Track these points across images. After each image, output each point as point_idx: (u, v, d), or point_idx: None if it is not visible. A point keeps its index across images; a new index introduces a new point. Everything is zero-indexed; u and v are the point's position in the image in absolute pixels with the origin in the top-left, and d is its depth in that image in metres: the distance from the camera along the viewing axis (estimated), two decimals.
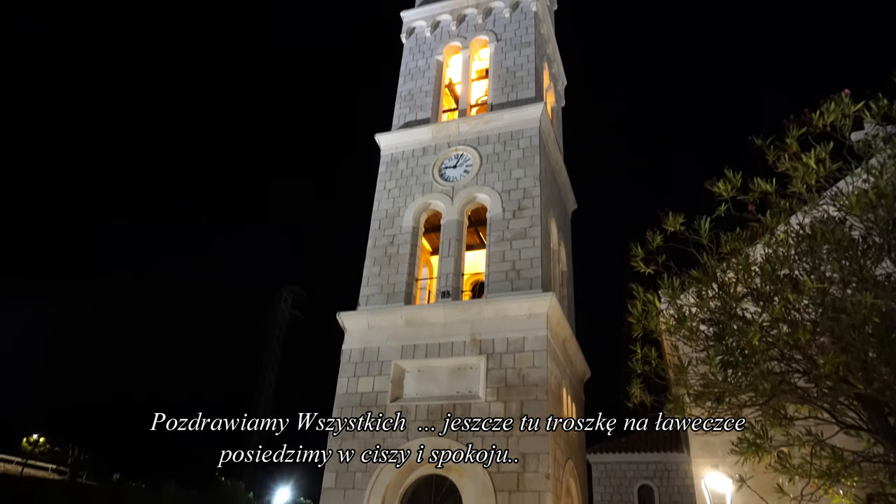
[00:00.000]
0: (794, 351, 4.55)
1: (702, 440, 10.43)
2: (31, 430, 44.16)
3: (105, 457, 44.76)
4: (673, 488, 21.51)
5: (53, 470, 41.67)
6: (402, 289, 13.70)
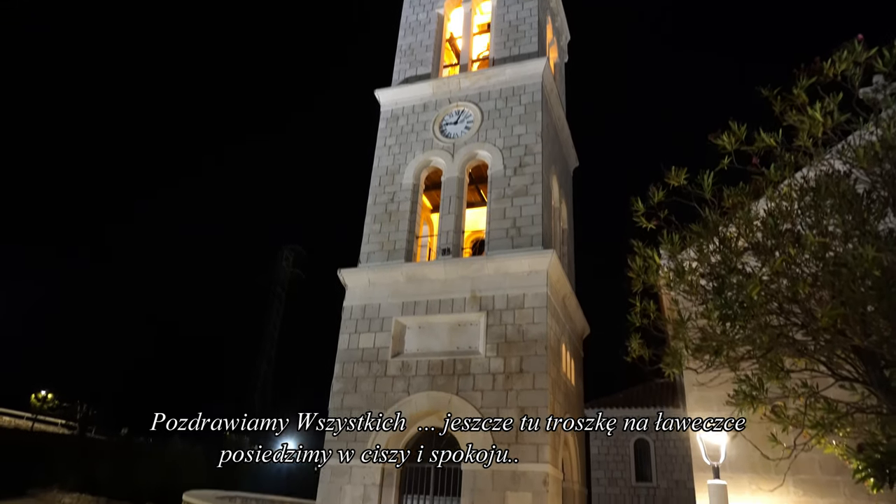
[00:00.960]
0: (792, 305, 4.58)
1: (698, 394, 10.58)
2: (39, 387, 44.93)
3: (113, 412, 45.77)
4: (668, 442, 21.99)
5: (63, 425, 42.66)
6: (402, 246, 13.71)
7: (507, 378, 11.51)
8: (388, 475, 11.71)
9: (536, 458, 10.74)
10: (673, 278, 4.71)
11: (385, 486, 11.62)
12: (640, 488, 21.64)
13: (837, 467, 9.26)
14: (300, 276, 55.17)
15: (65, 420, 43.77)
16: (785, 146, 4.76)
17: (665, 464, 21.65)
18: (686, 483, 20.76)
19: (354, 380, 12.67)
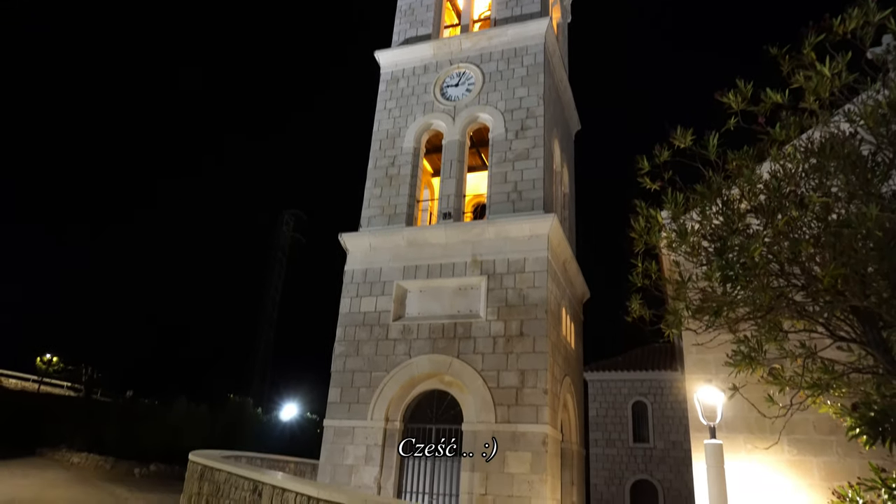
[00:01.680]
0: (793, 266, 4.59)
1: (696, 357, 10.70)
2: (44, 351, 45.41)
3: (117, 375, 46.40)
4: (665, 404, 22.36)
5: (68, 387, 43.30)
6: (403, 210, 13.69)
7: (508, 341, 11.63)
8: (390, 435, 11.93)
9: (536, 419, 10.92)
10: (675, 239, 4.72)
11: (387, 447, 11.84)
12: (636, 449, 22.09)
13: (831, 427, 9.43)
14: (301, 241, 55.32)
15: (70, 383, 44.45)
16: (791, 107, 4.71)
17: (662, 425, 22.06)
18: (682, 444, 21.19)
19: (356, 343, 12.80)
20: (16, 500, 13.50)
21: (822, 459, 9.48)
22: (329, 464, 12.06)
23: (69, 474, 20.68)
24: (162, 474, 22.89)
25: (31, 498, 14.07)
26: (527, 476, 10.63)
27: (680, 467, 21.13)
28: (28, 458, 24.88)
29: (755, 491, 9.35)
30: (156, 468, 23.14)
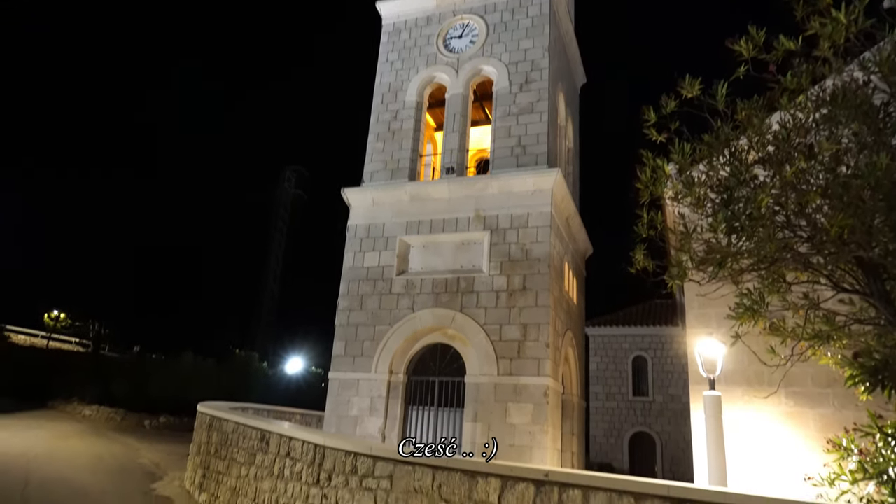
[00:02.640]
0: (799, 218, 4.57)
1: (698, 312, 10.77)
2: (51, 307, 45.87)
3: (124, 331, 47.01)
4: (665, 359, 22.65)
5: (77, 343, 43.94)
6: (406, 165, 13.59)
7: (511, 296, 11.70)
8: (394, 387, 12.14)
9: (538, 371, 11.09)
10: (681, 189, 4.68)
11: (391, 398, 12.07)
12: (636, 402, 22.50)
13: (829, 380, 9.55)
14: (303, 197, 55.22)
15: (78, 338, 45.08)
16: (804, 55, 4.59)
17: (661, 379, 22.40)
18: (681, 397, 21.56)
19: (360, 297, 12.90)
20: (31, 450, 13.87)
21: (817, 412, 9.64)
22: (334, 415, 12.31)
23: (82, 426, 21.19)
24: (171, 426, 23.45)
25: (46, 448, 14.46)
26: (528, 426, 10.86)
27: (678, 420, 21.55)
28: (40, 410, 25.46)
29: (751, 441, 9.55)
30: (165, 420, 23.68)
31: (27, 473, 10.96)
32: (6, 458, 12.28)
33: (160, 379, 25.02)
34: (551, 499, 5.07)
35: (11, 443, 14.63)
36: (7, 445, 14.10)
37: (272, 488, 7.85)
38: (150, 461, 14.32)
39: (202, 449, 11.00)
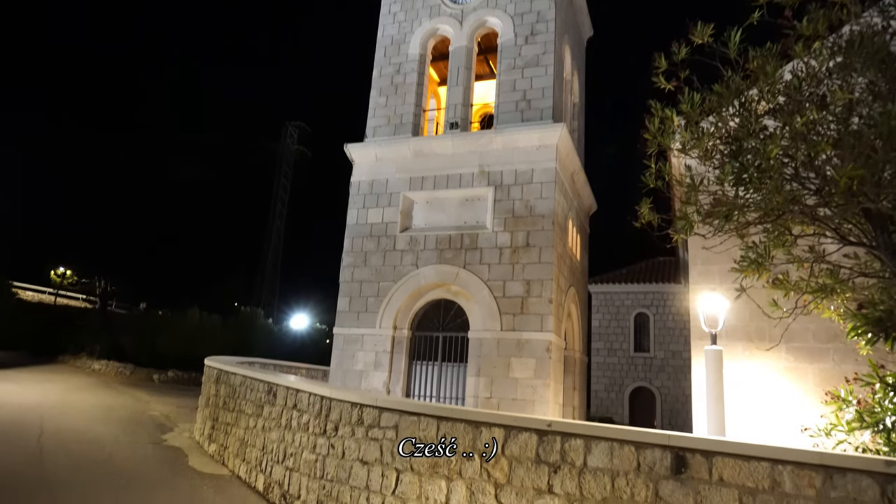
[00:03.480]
0: (808, 170, 4.51)
1: (701, 268, 10.78)
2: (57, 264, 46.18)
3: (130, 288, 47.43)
4: (667, 316, 22.81)
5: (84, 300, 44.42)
6: (409, 120, 13.42)
7: (514, 252, 11.71)
8: (399, 343, 12.28)
9: (540, 327, 11.18)
10: (689, 140, 4.61)
11: (395, 353, 12.23)
12: (637, 358, 22.76)
13: (829, 335, 9.62)
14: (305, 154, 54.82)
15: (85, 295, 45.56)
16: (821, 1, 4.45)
17: (663, 336, 22.61)
18: (682, 353, 21.80)
19: (364, 254, 12.93)
20: (44, 402, 14.17)
21: (817, 366, 9.73)
22: (339, 369, 12.50)
23: (92, 380, 21.59)
24: (179, 380, 23.89)
25: (58, 401, 14.77)
26: (530, 381, 11.02)
27: (678, 375, 21.85)
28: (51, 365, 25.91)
29: (751, 396, 9.68)
30: (173, 374, 24.12)
31: (41, 424, 11.23)
32: (21, 410, 12.57)
33: (167, 335, 25.37)
34: (554, 448, 5.17)
35: (25, 395, 14.95)
36: (21, 398, 14.41)
37: (280, 439, 8.03)
38: (160, 413, 14.64)
39: (210, 401, 11.22)
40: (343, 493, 6.51)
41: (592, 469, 4.98)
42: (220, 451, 9.97)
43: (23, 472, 7.95)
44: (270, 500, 7.78)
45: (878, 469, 4.20)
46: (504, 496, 5.29)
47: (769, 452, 4.47)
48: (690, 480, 4.62)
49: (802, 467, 4.36)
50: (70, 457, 9.01)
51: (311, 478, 7.10)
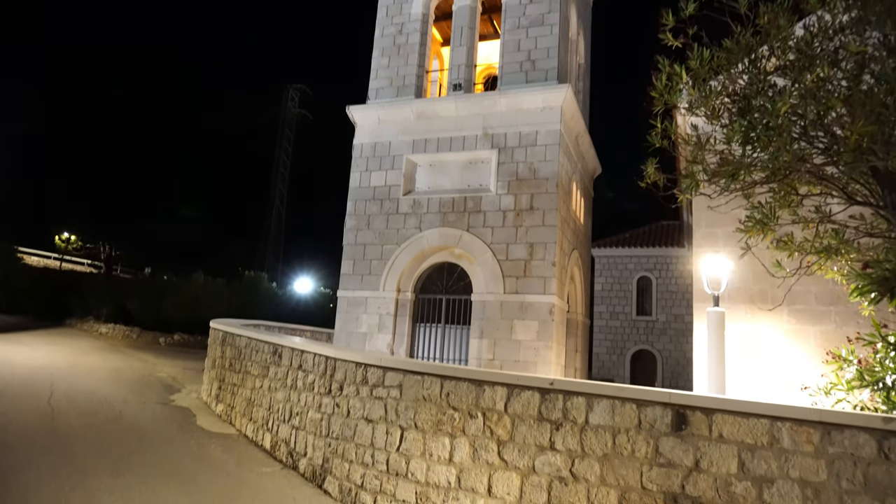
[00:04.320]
0: (817, 128, 4.45)
1: (705, 231, 10.75)
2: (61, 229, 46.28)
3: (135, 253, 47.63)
4: (670, 280, 22.86)
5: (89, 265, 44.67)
6: (412, 81, 13.23)
7: (518, 215, 11.68)
8: (402, 305, 12.36)
9: (543, 290, 11.22)
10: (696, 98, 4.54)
11: (399, 316, 12.32)
12: (639, 321, 22.91)
13: (832, 298, 9.65)
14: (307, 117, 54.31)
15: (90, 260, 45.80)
16: None
17: (665, 299, 22.70)
18: (684, 317, 21.92)
19: (367, 217, 12.92)
20: (54, 364, 14.39)
21: (819, 329, 9.79)
22: (344, 332, 12.62)
23: (99, 343, 21.86)
24: (185, 343, 24.17)
25: (67, 363, 14.99)
26: (533, 343, 11.11)
27: (680, 338, 22.02)
28: (58, 328, 26.20)
29: (752, 358, 9.77)
30: (179, 338, 24.39)
31: (52, 385, 11.42)
32: (31, 371, 12.78)
33: (173, 299, 25.56)
34: (556, 406, 5.25)
35: (34, 357, 15.17)
36: (30, 360, 14.63)
37: (286, 398, 8.16)
38: (168, 375, 14.86)
39: (217, 363, 11.37)
40: (348, 451, 6.64)
41: (594, 426, 5.06)
42: (227, 411, 10.15)
43: (37, 428, 8.12)
44: (277, 458, 7.96)
45: (876, 426, 4.26)
46: (507, 453, 5.39)
47: (768, 410, 4.53)
48: (690, 437, 4.70)
49: (801, 424, 4.42)
50: (81, 416, 9.19)
51: (316, 436, 7.23)
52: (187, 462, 7.44)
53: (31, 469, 6.46)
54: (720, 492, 4.53)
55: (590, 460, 5.01)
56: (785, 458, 4.41)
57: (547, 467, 5.17)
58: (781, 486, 4.38)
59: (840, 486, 4.25)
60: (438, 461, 5.76)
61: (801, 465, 4.36)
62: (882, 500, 4.15)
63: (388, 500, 6.03)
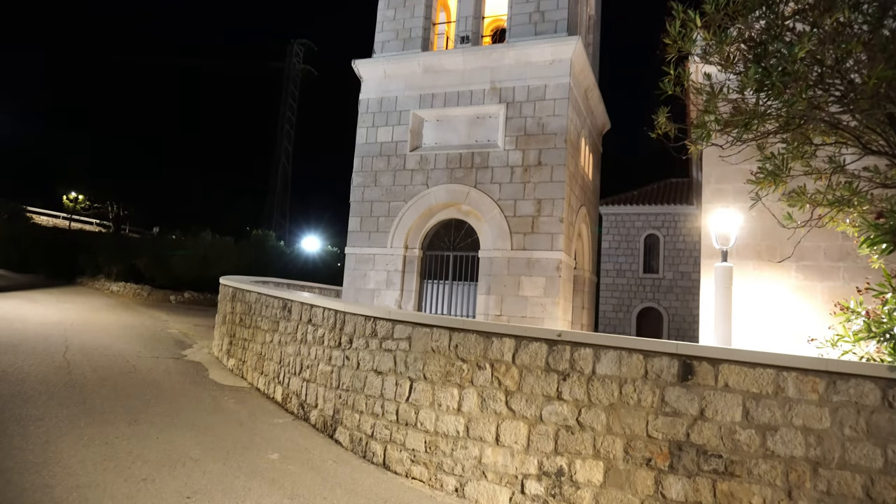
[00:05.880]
0: (834, 75, 4.35)
1: (715, 187, 10.66)
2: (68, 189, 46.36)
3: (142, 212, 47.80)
4: (677, 237, 22.79)
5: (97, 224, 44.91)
6: (418, 34, 12.96)
7: (526, 171, 11.59)
8: (410, 262, 12.41)
9: (551, 246, 11.23)
10: (711, 43, 4.42)
11: (407, 272, 12.38)
12: (646, 279, 22.95)
13: (840, 254, 9.62)
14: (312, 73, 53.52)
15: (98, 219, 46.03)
16: None
17: (672, 257, 22.68)
18: (691, 274, 21.93)
19: (374, 173, 12.85)
20: (67, 320, 14.62)
21: (827, 284, 9.78)
22: (352, 288, 12.72)
23: (111, 301, 22.15)
24: (194, 301, 24.46)
25: (80, 319, 15.22)
26: (540, 299, 11.18)
27: (686, 296, 22.08)
28: (70, 286, 26.53)
29: (758, 313, 9.80)
30: (189, 295, 24.67)
31: (66, 341, 11.62)
32: (45, 328, 12.99)
33: (182, 257, 25.74)
34: (563, 357, 5.31)
35: (47, 315, 15.40)
36: (44, 317, 14.86)
37: (296, 352, 8.29)
38: (179, 331, 15.08)
39: (227, 319, 11.52)
40: (359, 402, 6.77)
41: (601, 377, 5.13)
42: (239, 365, 10.34)
43: (54, 381, 8.31)
44: (289, 410, 8.13)
45: (881, 374, 4.30)
46: (514, 402, 5.49)
47: (774, 359, 4.57)
48: (696, 387, 4.76)
49: (806, 373, 4.47)
50: (96, 369, 9.38)
51: (327, 388, 7.37)
52: (201, 413, 7.62)
53: (51, 419, 6.63)
54: (724, 439, 4.61)
55: (596, 410, 5.10)
56: (789, 407, 4.47)
57: (554, 417, 5.26)
58: (785, 433, 4.45)
59: (843, 433, 4.32)
60: (447, 411, 5.87)
61: (805, 413, 4.42)
62: (884, 447, 4.22)
63: (397, 449, 6.18)
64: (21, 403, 7.10)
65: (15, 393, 7.52)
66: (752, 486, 4.48)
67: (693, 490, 4.64)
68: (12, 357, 9.54)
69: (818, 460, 4.35)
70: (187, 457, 5.88)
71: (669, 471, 4.75)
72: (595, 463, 5.03)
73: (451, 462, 5.74)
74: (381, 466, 6.25)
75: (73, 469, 5.26)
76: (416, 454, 6.00)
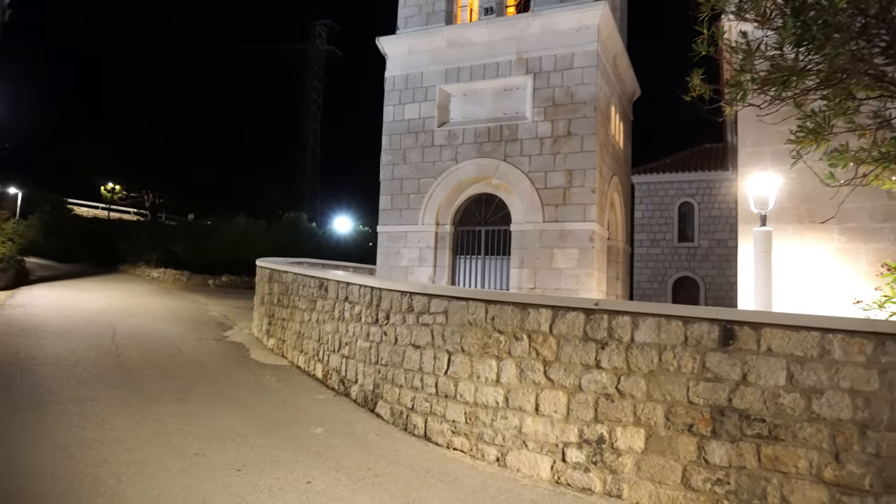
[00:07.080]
0: (879, 25, 4.17)
1: (751, 150, 10.38)
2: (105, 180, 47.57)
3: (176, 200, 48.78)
4: (712, 205, 22.32)
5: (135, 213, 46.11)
6: (441, 7, 12.82)
7: (555, 142, 11.46)
8: (442, 238, 12.45)
9: (583, 217, 11.13)
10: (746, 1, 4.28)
11: (439, 249, 12.43)
12: (681, 248, 22.59)
13: (886, 214, 9.31)
14: (336, 53, 53.48)
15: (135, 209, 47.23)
16: None
17: (707, 225, 22.24)
18: (727, 242, 21.50)
19: (402, 151, 12.86)
20: (112, 306, 15.13)
21: (871, 246, 9.48)
22: (385, 266, 12.83)
23: (152, 287, 22.79)
24: (232, 284, 25.00)
25: (125, 305, 15.73)
26: (573, 271, 11.12)
27: (723, 264, 21.67)
28: (113, 274, 27.36)
29: (800, 277, 9.58)
30: (226, 279, 25.22)
31: (112, 325, 12.04)
32: (92, 314, 13.47)
33: (217, 242, 26.27)
34: (601, 325, 5.30)
35: (94, 301, 15.95)
36: (91, 304, 15.39)
37: (334, 330, 8.44)
38: (219, 314, 15.47)
39: (265, 300, 11.77)
40: (398, 376, 6.88)
41: (640, 344, 5.10)
42: (279, 344, 10.57)
43: (104, 364, 8.64)
44: (329, 386, 8.31)
45: None
46: (553, 372, 5.51)
47: (819, 322, 4.48)
48: (738, 351, 4.70)
49: (853, 335, 4.37)
50: (143, 352, 9.71)
51: (366, 363, 7.50)
52: (245, 391, 7.85)
53: (105, 399, 6.92)
54: (767, 403, 4.56)
55: (636, 377, 5.09)
56: (835, 370, 4.39)
57: (593, 385, 5.27)
58: (831, 396, 4.39)
59: (892, 395, 4.23)
60: (486, 383, 5.93)
61: (852, 375, 4.34)
62: None
63: (438, 420, 6.28)
64: (76, 385, 7.41)
65: (70, 375, 7.85)
66: (797, 450, 4.44)
67: (737, 455, 4.62)
68: (64, 342, 9.94)
69: (866, 422, 4.28)
70: (235, 432, 6.08)
71: (712, 436, 4.73)
72: (636, 430, 5.04)
73: (491, 432, 5.81)
74: (422, 438, 6.37)
75: (128, 445, 5.49)
76: (457, 425, 6.09)
